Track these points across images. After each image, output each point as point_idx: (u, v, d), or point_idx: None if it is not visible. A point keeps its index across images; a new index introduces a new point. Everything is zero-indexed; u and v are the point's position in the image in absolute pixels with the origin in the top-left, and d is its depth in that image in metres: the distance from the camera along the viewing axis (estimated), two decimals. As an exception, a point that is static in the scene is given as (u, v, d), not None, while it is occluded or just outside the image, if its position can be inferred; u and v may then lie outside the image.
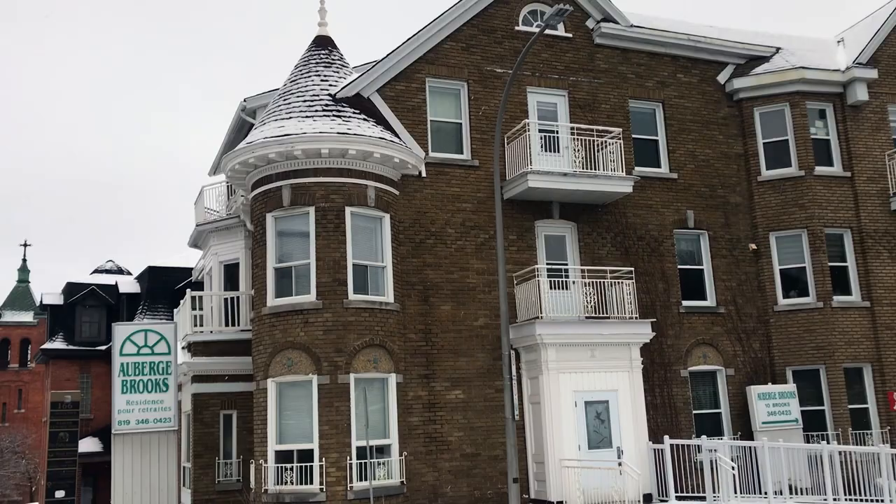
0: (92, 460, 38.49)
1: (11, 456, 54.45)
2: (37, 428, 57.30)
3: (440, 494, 16.78)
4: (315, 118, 16.93)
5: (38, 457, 52.01)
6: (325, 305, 16.13)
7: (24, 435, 57.37)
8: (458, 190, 18.40)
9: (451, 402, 17.33)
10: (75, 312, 42.02)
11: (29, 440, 56.08)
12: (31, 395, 71.52)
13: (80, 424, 40.49)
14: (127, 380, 17.55)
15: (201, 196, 23.26)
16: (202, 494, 18.44)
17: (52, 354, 41.47)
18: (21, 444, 55.59)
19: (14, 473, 54.34)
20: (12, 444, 55.33)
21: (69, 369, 41.20)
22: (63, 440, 39.92)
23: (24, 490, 56.33)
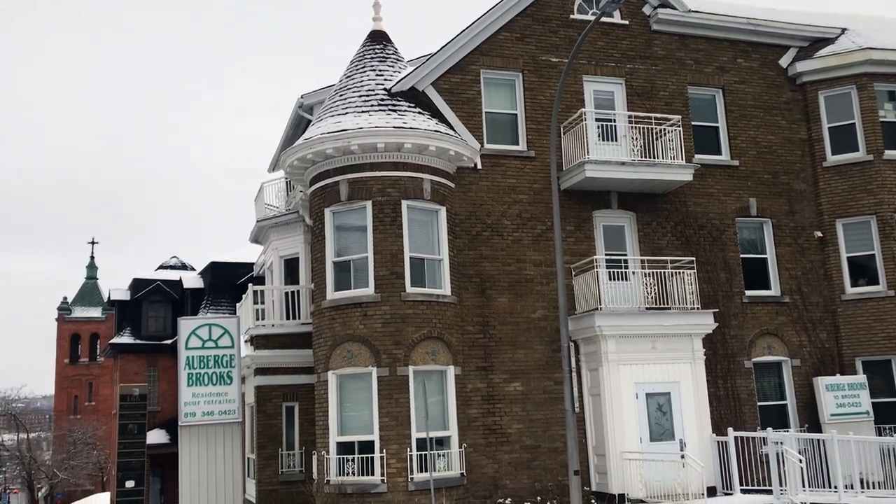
0: (159, 451, 39.57)
1: (83, 447, 56.34)
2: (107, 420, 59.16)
3: (500, 486, 16.79)
4: (371, 113, 17.04)
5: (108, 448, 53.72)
6: (383, 298, 16.25)
7: (95, 427, 59.26)
8: (514, 181, 18.32)
9: (509, 394, 17.31)
10: (142, 308, 43.20)
11: (99, 432, 57.93)
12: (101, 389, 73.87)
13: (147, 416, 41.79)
14: (193, 373, 17.96)
15: (261, 192, 23.64)
16: (266, 485, 18.78)
17: (121, 349, 42.73)
18: (92, 435, 57.45)
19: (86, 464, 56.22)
20: (84, 436, 57.23)
21: (137, 363, 42.39)
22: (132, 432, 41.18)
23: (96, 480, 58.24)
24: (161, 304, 43.45)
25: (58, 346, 78.53)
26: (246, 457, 19.92)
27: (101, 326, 76.53)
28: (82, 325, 79.08)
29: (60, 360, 77.98)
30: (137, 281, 44.02)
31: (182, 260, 48.51)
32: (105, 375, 71.05)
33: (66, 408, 75.33)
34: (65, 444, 59.18)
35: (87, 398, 75.81)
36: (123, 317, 43.87)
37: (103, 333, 74.29)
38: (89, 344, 78.64)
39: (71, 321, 79.04)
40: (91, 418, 65.63)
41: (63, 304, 79.87)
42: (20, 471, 55.98)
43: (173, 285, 43.47)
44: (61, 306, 79.76)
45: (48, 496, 51.79)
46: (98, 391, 75.08)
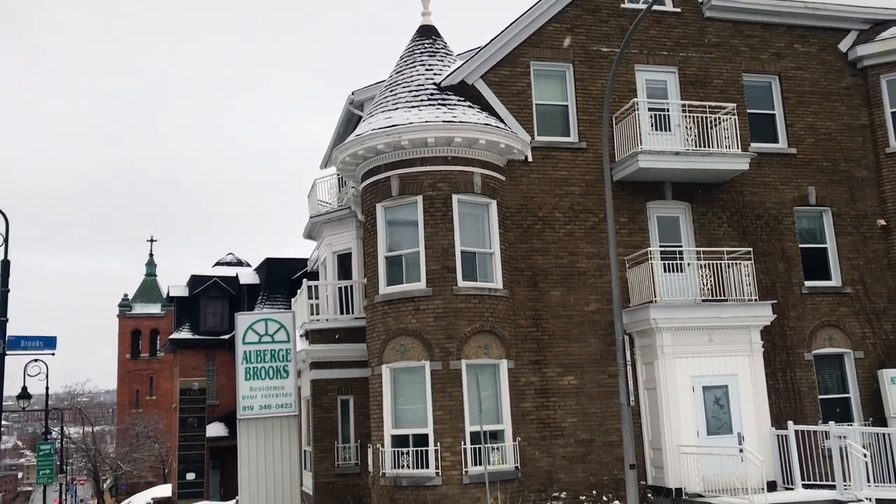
0: (219, 444, 40.42)
1: (145, 440, 57.85)
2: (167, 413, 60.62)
3: (555, 480, 16.73)
4: (421, 107, 17.10)
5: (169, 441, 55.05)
6: (435, 292, 16.31)
7: (156, 420, 60.79)
8: (566, 173, 18.20)
9: (563, 387, 17.23)
10: (199, 304, 44.11)
11: (160, 425, 59.39)
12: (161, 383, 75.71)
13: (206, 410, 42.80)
14: (250, 367, 18.26)
15: (314, 189, 23.92)
16: (322, 477, 19.04)
17: (180, 344, 43.72)
18: (153, 428, 58.95)
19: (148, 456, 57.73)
20: (146, 429, 58.75)
21: (195, 358, 43.32)
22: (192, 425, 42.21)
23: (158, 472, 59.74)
24: (218, 300, 44.30)
25: (119, 342, 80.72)
26: (302, 449, 20.22)
27: (161, 322, 78.37)
28: (142, 322, 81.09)
29: (122, 356, 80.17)
30: (195, 277, 44.95)
31: (238, 256, 49.39)
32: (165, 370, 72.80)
33: (129, 402, 77.39)
34: (127, 437, 60.88)
35: (148, 392, 77.76)
36: (182, 313, 44.84)
37: (163, 329, 76.09)
38: (149, 339, 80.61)
39: (131, 317, 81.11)
40: (152, 412, 67.31)
41: (124, 301, 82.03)
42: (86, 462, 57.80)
43: (230, 281, 44.29)
44: (122, 303, 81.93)
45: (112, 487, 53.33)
46: (158, 385, 76.97)
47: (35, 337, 16.88)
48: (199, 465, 40.55)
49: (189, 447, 40.50)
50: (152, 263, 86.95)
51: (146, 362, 79.32)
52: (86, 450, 55.19)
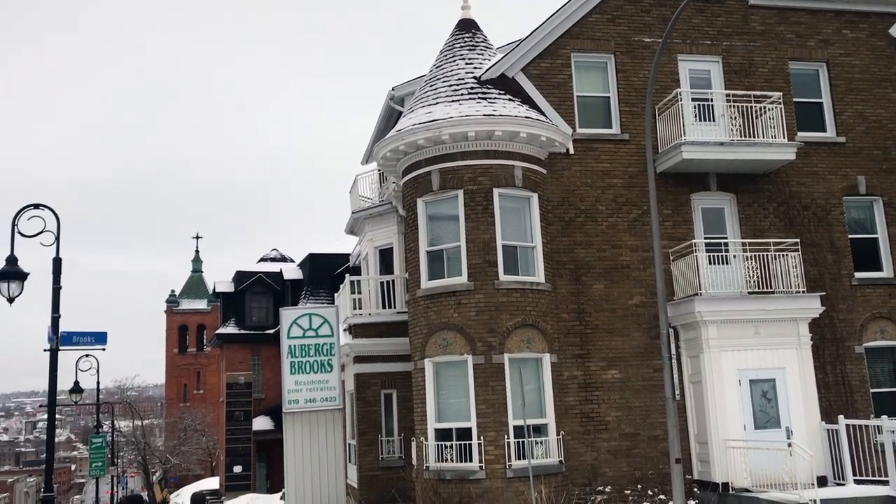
0: (265, 437, 40.98)
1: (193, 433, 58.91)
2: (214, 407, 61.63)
3: (600, 474, 16.64)
4: (461, 102, 17.09)
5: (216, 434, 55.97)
6: (476, 287, 16.31)
7: (204, 414, 61.85)
8: (608, 165, 18.05)
9: (607, 381, 17.11)
10: (245, 299, 44.73)
11: (208, 419, 60.40)
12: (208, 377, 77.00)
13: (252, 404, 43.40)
14: (295, 361, 18.45)
15: (355, 184, 24.07)
16: (367, 470, 19.19)
17: (226, 339, 44.39)
18: (201, 422, 60.00)
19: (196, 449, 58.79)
20: (193, 423, 59.82)
21: (241, 352, 43.95)
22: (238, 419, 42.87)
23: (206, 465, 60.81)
24: (263, 296, 44.87)
25: (167, 337, 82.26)
26: (347, 443, 20.40)
27: (207, 318, 79.63)
28: (189, 317, 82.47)
29: (170, 351, 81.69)
30: (240, 273, 45.58)
31: (282, 252, 49.94)
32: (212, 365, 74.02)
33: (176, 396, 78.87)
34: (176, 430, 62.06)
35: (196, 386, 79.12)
36: (228, 308, 45.51)
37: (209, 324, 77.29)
38: (196, 334, 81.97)
39: (179, 313, 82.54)
40: (199, 406, 68.48)
41: (171, 297, 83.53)
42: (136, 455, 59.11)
43: (274, 277, 44.82)
44: (169, 299, 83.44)
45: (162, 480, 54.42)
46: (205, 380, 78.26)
47: (86, 333, 17.27)
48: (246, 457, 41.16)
49: (236, 440, 41.16)
50: (198, 260, 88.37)
51: (193, 357, 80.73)
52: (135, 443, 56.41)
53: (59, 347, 15.47)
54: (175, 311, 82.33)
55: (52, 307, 15.30)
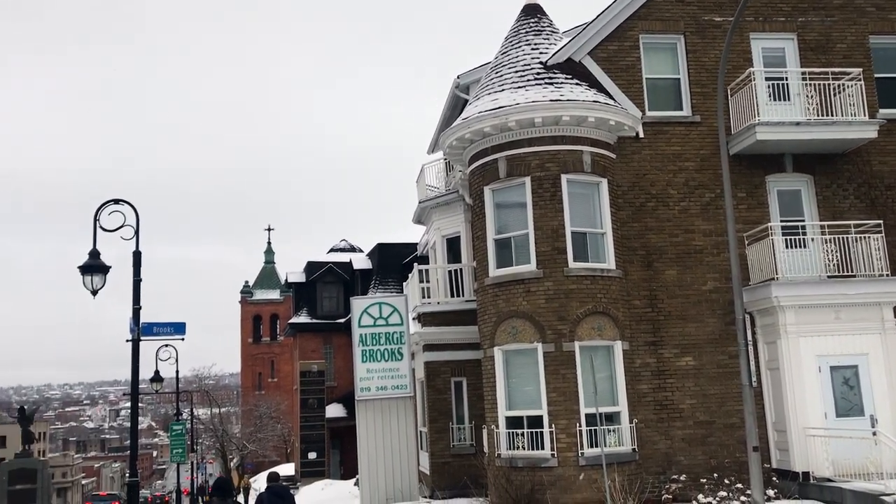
0: (338, 424, 41.69)
1: (268, 421, 60.22)
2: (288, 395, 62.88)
3: (674, 462, 16.39)
4: (527, 88, 16.95)
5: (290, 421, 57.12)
6: (545, 274, 16.20)
7: (278, 401, 63.15)
8: (679, 148, 17.67)
9: (681, 368, 16.82)
10: (316, 289, 45.49)
11: (282, 406, 61.67)
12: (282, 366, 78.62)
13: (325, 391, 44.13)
14: (366, 349, 18.69)
15: (422, 174, 24.15)
16: (438, 457, 19.33)
17: (299, 328, 45.21)
18: (276, 410, 61.28)
19: (271, 436, 60.09)
20: (268, 410, 61.15)
21: (314, 341, 44.74)
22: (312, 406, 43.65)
23: (281, 451, 62.14)
24: (333, 285, 45.56)
25: (242, 327, 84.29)
26: (418, 430, 20.58)
27: (280, 308, 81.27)
28: (263, 307, 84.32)
29: (245, 340, 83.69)
30: (311, 264, 46.33)
31: (351, 243, 50.58)
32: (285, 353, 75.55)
33: (252, 384, 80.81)
34: (252, 417, 63.57)
35: (270, 375, 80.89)
36: (300, 298, 46.34)
37: (282, 314, 78.90)
38: (270, 324, 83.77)
39: (252, 303, 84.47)
40: (274, 394, 69.96)
41: (245, 288, 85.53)
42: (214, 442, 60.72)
43: (344, 267, 45.44)
44: (243, 290, 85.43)
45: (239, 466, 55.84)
46: (279, 368, 79.93)
47: (166, 323, 17.81)
48: (320, 444, 41.95)
49: (310, 427, 41.97)
50: (270, 251, 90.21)
51: (267, 346, 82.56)
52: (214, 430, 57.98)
53: (141, 338, 15.99)
54: (249, 301, 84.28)
55: (133, 299, 15.82)
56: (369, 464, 18.31)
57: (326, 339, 44.71)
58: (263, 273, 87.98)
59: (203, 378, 69.44)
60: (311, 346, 44.56)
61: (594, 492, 15.13)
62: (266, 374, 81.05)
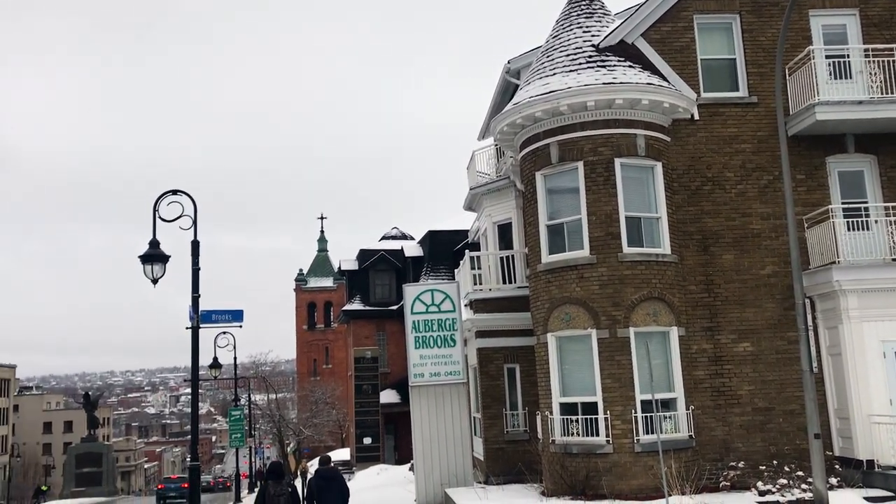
0: (392, 410, 42.09)
1: (324, 406, 61.12)
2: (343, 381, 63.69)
3: (732, 449, 16.15)
4: (579, 71, 16.76)
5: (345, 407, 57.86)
6: (599, 260, 16.06)
7: (333, 387, 64.03)
8: (736, 130, 17.29)
9: (738, 354, 16.53)
10: (368, 276, 45.92)
11: (337, 392, 62.52)
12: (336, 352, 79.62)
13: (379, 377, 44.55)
14: (419, 336, 18.79)
15: (473, 160, 24.12)
16: (492, 443, 19.39)
17: (352, 315, 45.69)
18: (330, 395, 62.15)
19: (327, 421, 60.98)
20: (324, 396, 62.06)
21: (367, 328, 45.21)
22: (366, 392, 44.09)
23: (336, 436, 63.04)
24: (385, 273, 45.92)
25: (296, 314, 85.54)
26: (472, 416, 20.65)
27: (333, 295, 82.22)
28: (317, 295, 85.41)
29: (299, 327, 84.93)
30: (363, 252, 46.73)
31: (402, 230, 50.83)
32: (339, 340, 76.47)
33: (307, 370, 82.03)
34: (307, 403, 64.57)
35: (325, 361, 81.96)
36: (353, 285, 46.81)
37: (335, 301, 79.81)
38: (324, 311, 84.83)
39: (307, 291, 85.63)
40: (329, 380, 70.94)
41: (299, 276, 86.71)
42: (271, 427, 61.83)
43: (396, 254, 45.72)
44: (298, 277, 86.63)
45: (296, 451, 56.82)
46: (333, 355, 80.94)
47: (224, 311, 18.14)
48: (375, 430, 42.42)
49: (364, 413, 42.46)
50: (323, 240, 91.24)
51: (321, 333, 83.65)
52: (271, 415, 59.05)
53: (200, 325, 16.33)
54: (303, 289, 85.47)
55: (192, 287, 16.16)
56: (424, 449, 18.44)
57: (379, 325, 45.13)
58: (317, 261, 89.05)
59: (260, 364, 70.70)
60: (364, 333, 45.02)
61: (650, 478, 15.01)
62: (321, 361, 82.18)
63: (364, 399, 42.51)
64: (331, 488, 12.94)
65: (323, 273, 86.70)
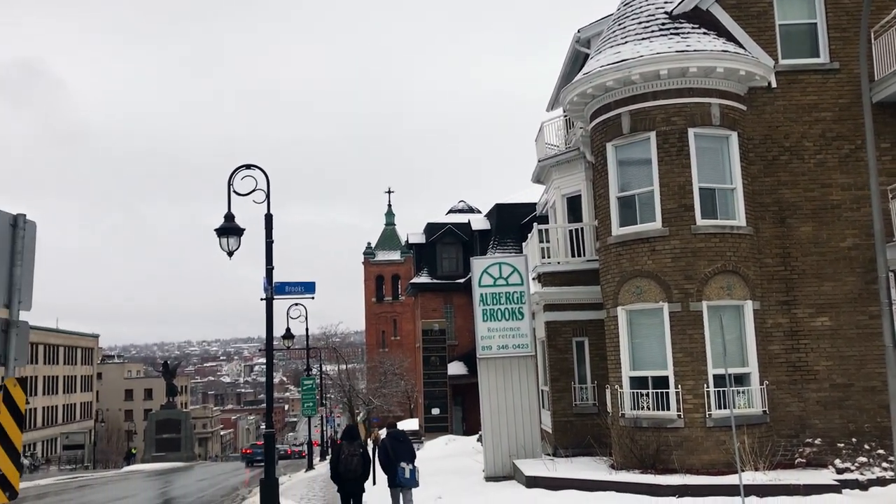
0: (459, 382, 42.45)
1: (392, 377, 61.99)
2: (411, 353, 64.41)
3: (808, 426, 15.78)
4: (651, 39, 16.38)
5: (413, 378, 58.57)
6: (671, 232, 15.78)
7: (401, 359, 64.85)
8: (816, 98, 16.68)
9: (816, 329, 16.08)
10: (436, 249, 46.16)
11: (405, 363, 63.29)
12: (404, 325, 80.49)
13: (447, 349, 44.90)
14: (486, 309, 18.83)
15: (541, 132, 23.88)
16: (560, 416, 19.38)
17: (419, 288, 46.05)
18: (399, 366, 62.97)
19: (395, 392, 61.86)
20: (392, 367, 62.92)
21: (434, 300, 45.54)
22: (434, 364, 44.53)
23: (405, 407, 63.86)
24: (452, 246, 46.08)
25: (365, 287, 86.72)
26: (540, 389, 20.65)
27: (401, 268, 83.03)
28: (384, 268, 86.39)
29: (368, 299, 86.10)
30: (431, 225, 46.94)
31: (469, 203, 50.79)
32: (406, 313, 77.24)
33: (376, 342, 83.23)
34: (376, 374, 65.58)
35: (393, 333, 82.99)
36: (420, 258, 47.14)
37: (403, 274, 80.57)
38: (391, 284, 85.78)
39: (375, 264, 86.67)
40: (397, 351, 71.87)
41: (367, 249, 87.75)
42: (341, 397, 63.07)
43: (463, 228, 45.80)
44: (366, 251, 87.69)
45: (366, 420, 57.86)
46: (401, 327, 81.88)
47: (297, 283, 18.46)
48: (443, 401, 42.88)
49: (432, 384, 42.94)
50: (391, 213, 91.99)
51: (389, 305, 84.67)
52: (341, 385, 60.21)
53: (274, 297, 16.69)
54: (371, 262, 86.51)
55: (265, 260, 16.50)
56: (492, 420, 18.55)
57: (447, 298, 45.40)
58: (384, 235, 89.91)
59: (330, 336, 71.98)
60: (431, 306, 45.37)
61: (722, 453, 14.81)
62: (389, 333, 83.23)
63: (432, 371, 42.96)
64: (402, 447, 13.78)
65: (391, 246, 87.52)
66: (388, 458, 13.67)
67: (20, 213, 7.31)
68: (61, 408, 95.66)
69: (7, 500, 6.86)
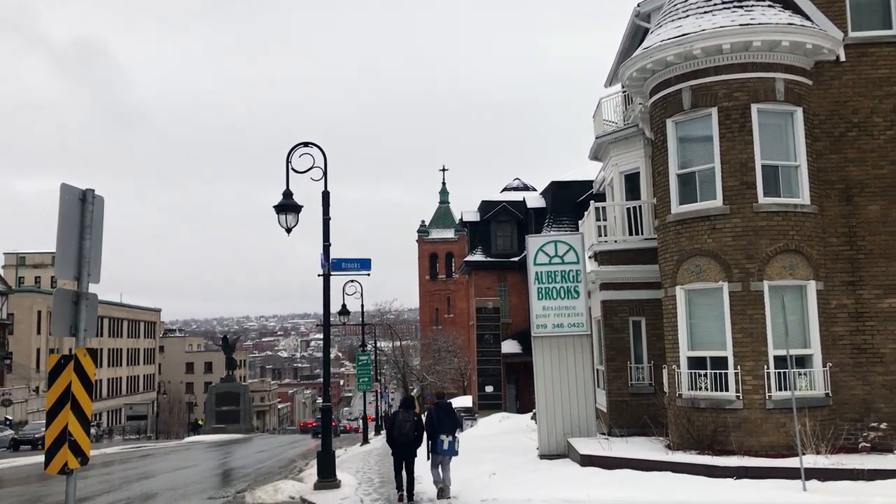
0: (513, 360, 42.46)
1: (446, 354, 62.43)
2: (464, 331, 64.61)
3: (873, 409, 15.37)
4: (714, 13, 15.97)
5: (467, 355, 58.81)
6: (732, 210, 15.45)
7: (455, 336, 65.19)
8: (888, 71, 16.07)
9: (883, 311, 15.61)
10: (490, 227, 46.04)
11: (459, 341, 63.61)
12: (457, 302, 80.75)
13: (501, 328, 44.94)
14: (542, 287, 18.74)
15: (599, 108, 23.54)
16: (616, 396, 19.24)
17: (474, 266, 46.06)
18: (452, 344, 63.33)
19: (449, 369, 62.31)
20: (446, 344, 63.32)
21: (488, 279, 45.50)
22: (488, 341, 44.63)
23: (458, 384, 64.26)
24: (507, 224, 45.90)
25: (419, 265, 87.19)
26: (595, 368, 20.53)
27: (454, 246, 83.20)
28: (438, 246, 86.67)
29: (422, 277, 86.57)
30: (485, 203, 46.82)
31: (524, 181, 50.52)
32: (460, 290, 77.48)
33: (429, 319, 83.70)
34: (430, 351, 66.08)
35: (447, 311, 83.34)
36: (474, 236, 47.07)
37: (456, 252, 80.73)
38: (445, 262, 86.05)
39: (429, 242, 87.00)
40: (450, 329, 72.20)
41: (421, 227, 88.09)
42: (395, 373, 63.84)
43: (517, 206, 45.57)
44: (420, 229, 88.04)
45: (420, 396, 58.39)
46: (455, 305, 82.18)
47: (353, 259, 18.65)
48: (496, 378, 42.99)
49: (486, 362, 43.06)
50: (445, 191, 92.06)
51: (443, 283, 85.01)
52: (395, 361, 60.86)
53: (331, 273, 16.89)
54: (426, 240, 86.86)
55: (323, 236, 16.70)
56: (546, 399, 18.52)
57: (501, 276, 45.32)
58: (438, 213, 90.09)
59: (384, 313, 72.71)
60: (485, 284, 45.36)
61: (782, 436, 14.54)
62: (443, 310, 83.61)
63: (486, 348, 43.05)
64: (448, 418, 14.18)
65: (444, 224, 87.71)
66: (434, 428, 14.08)
67: (89, 188, 7.51)
68: (125, 379, 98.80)
69: (79, 465, 7.12)
